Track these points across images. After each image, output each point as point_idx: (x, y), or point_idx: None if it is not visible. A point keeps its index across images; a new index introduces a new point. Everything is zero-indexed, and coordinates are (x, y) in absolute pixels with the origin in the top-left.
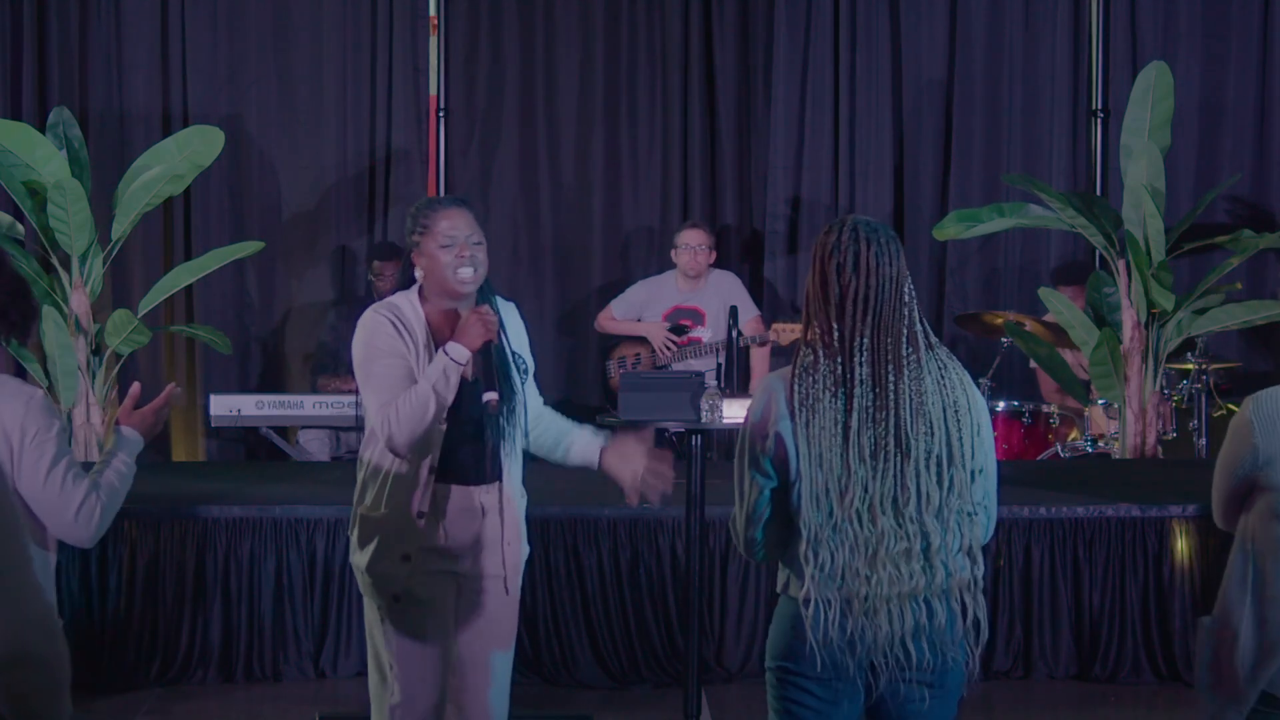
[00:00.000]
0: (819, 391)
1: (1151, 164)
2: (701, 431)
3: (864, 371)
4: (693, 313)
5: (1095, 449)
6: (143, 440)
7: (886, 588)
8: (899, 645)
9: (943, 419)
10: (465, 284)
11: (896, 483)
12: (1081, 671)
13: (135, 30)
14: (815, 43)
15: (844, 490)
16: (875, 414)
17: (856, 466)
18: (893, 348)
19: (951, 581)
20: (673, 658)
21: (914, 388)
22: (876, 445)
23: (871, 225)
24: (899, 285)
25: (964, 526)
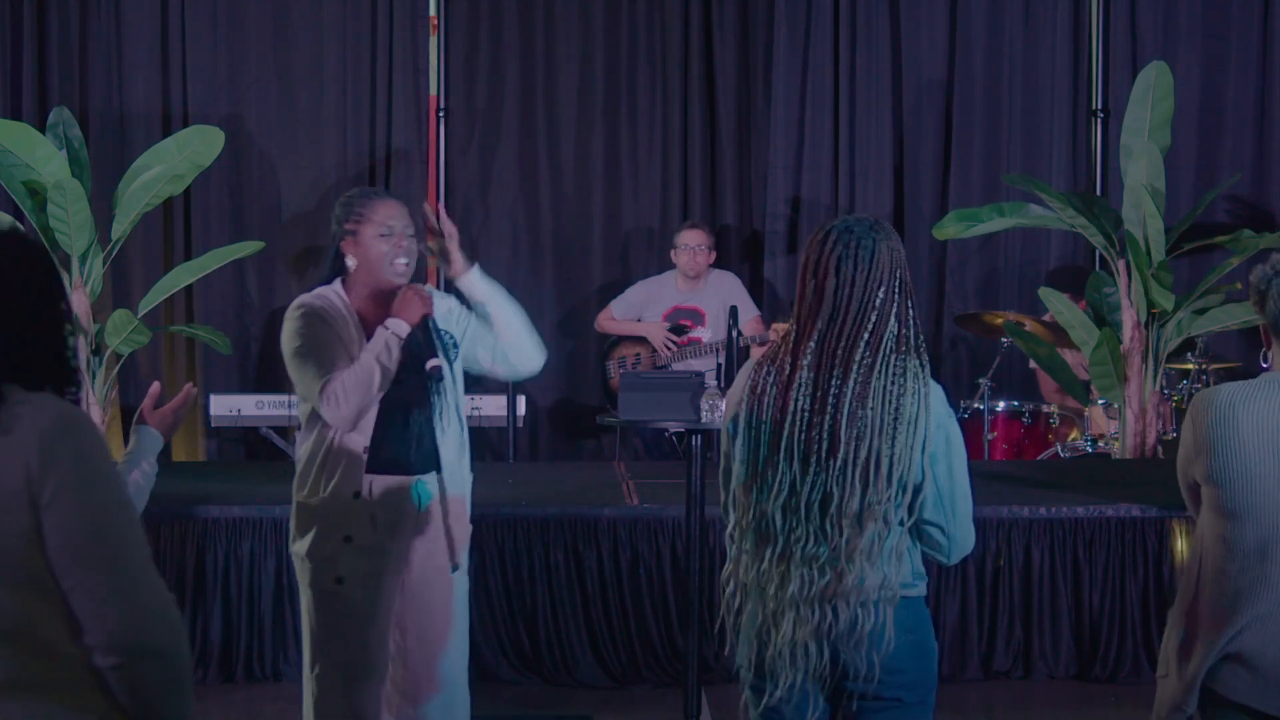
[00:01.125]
0: (768, 383)
1: (1151, 164)
2: (701, 431)
3: (806, 375)
4: (693, 313)
5: (1095, 449)
6: (162, 440)
7: (795, 588)
8: (801, 648)
9: (879, 427)
10: (400, 274)
11: (824, 486)
12: (1081, 671)
13: (135, 30)
14: (815, 43)
15: (772, 486)
16: (811, 417)
17: (785, 466)
18: (843, 352)
19: (866, 587)
20: (673, 658)
21: (857, 391)
22: (808, 448)
23: (847, 227)
24: (866, 289)
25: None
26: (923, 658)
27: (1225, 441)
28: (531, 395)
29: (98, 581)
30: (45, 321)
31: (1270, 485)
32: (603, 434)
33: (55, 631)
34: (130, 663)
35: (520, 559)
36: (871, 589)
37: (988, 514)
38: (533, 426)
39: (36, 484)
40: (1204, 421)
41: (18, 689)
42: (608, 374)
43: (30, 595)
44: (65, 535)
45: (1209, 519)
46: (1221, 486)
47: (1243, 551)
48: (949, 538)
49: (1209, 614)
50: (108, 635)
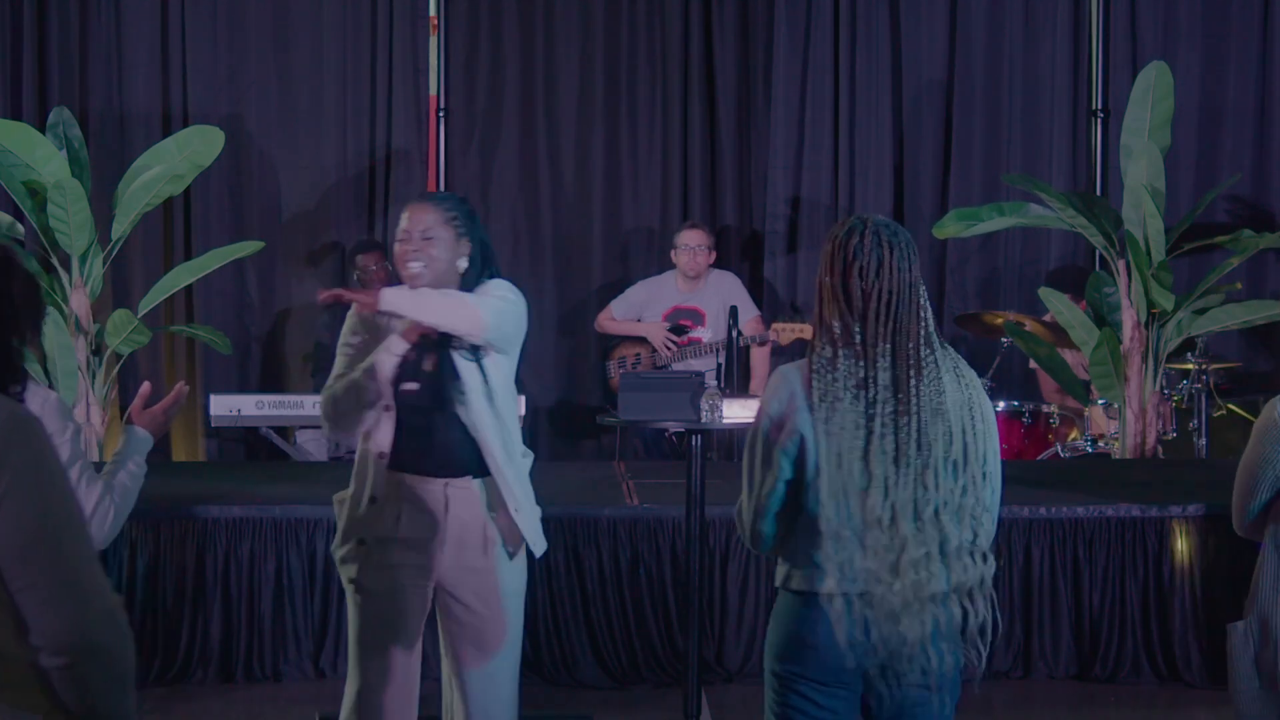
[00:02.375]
0: (839, 390)
1: (1151, 164)
2: (701, 431)
3: (886, 376)
4: (692, 313)
5: (1095, 449)
6: (152, 440)
7: (910, 593)
8: (921, 651)
9: (959, 420)
10: (413, 278)
11: (917, 487)
12: (1081, 671)
13: (135, 30)
14: (815, 43)
15: (864, 492)
16: (898, 419)
17: (878, 470)
18: (913, 351)
19: (966, 581)
20: (673, 658)
21: (933, 389)
22: (899, 450)
23: (892, 228)
24: (916, 289)
25: (977, 526)
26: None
27: None
28: (531, 395)
29: (46, 582)
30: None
31: None
32: (603, 434)
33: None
34: (77, 662)
35: None
36: (974, 582)
37: None
38: (533, 426)
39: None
40: None
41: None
42: (608, 374)
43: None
44: (13, 536)
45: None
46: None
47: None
48: (994, 523)
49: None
50: (55, 635)
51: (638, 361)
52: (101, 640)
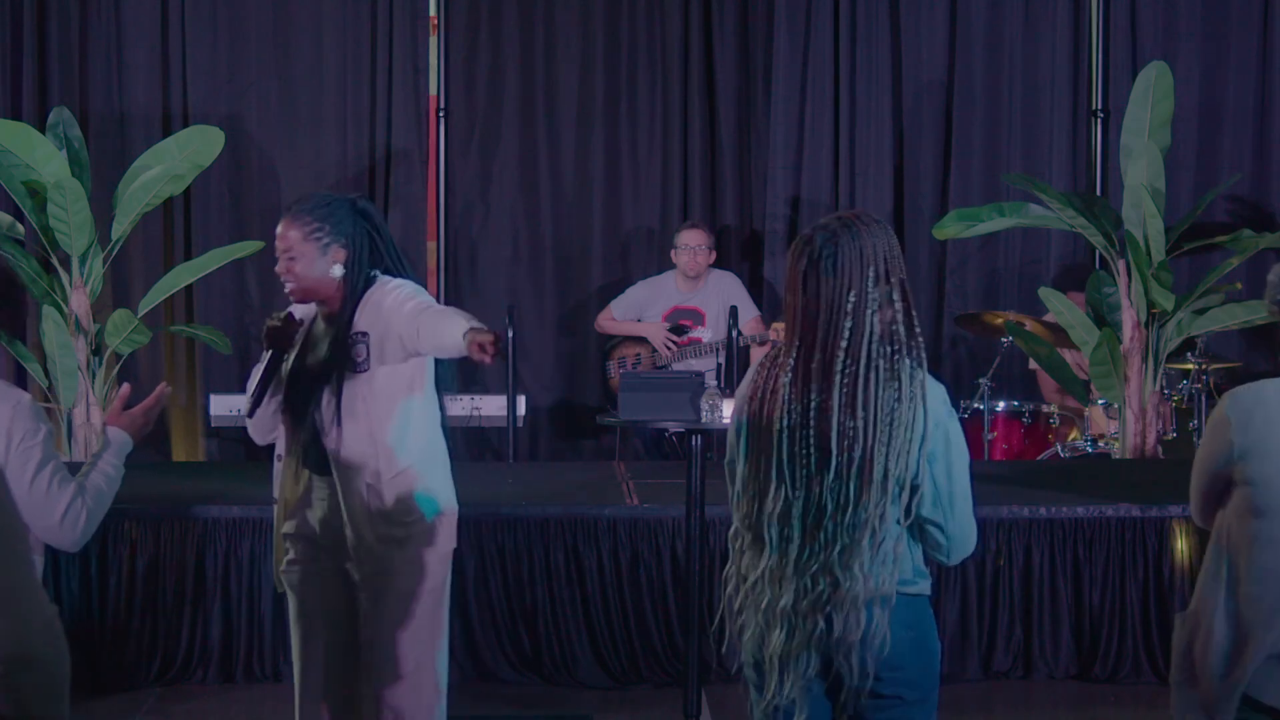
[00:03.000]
0: (765, 393)
1: (1151, 164)
2: (701, 431)
3: (787, 392)
4: (692, 313)
5: (1095, 449)
6: (131, 442)
7: (789, 601)
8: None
9: (873, 435)
10: (290, 294)
11: (816, 498)
12: (1081, 671)
13: (135, 30)
14: (815, 43)
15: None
16: (795, 432)
17: (776, 480)
18: (819, 366)
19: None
20: (673, 658)
21: (843, 402)
22: (795, 463)
23: (811, 238)
24: (834, 299)
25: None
26: (923, 655)
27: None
28: (531, 395)
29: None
30: None
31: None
32: (603, 434)
33: None
34: (13, 672)
35: (520, 559)
36: (864, 595)
37: (988, 514)
38: (533, 426)
39: None
40: (1255, 422)
41: None
42: (608, 374)
43: None
44: None
45: (1238, 520)
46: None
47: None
48: (949, 537)
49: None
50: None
51: (638, 361)
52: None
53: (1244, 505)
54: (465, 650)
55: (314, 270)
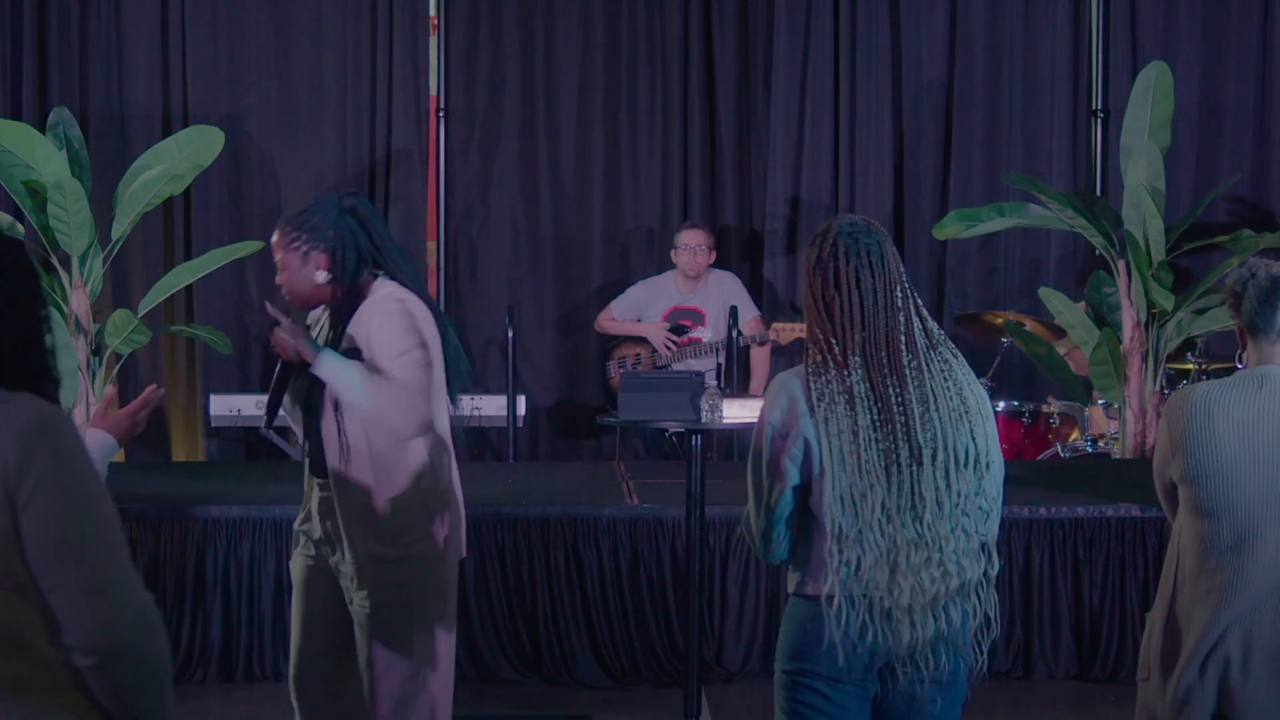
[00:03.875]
0: (834, 392)
1: (1151, 164)
2: (701, 431)
3: (863, 388)
4: (693, 313)
5: (1095, 449)
6: (116, 444)
7: (908, 597)
8: (919, 652)
9: (951, 422)
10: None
11: (913, 493)
12: (1081, 671)
13: (135, 30)
14: (815, 43)
15: (863, 496)
16: (881, 428)
17: (869, 480)
18: (889, 358)
19: (966, 582)
20: (673, 658)
21: (918, 395)
22: (887, 458)
23: (852, 234)
24: (887, 294)
25: (978, 525)
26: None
27: (1201, 440)
28: (531, 395)
29: (76, 582)
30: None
31: (1246, 483)
32: (603, 434)
33: (34, 632)
34: (108, 663)
35: (520, 559)
36: (974, 583)
37: None
38: (533, 426)
39: (14, 485)
40: (1179, 421)
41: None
42: (608, 374)
43: (10, 596)
44: (44, 536)
45: (1186, 519)
46: (1198, 485)
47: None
48: (998, 513)
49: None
50: (86, 635)
51: (638, 362)
52: (132, 640)
53: (1185, 504)
54: (465, 650)
55: (298, 280)
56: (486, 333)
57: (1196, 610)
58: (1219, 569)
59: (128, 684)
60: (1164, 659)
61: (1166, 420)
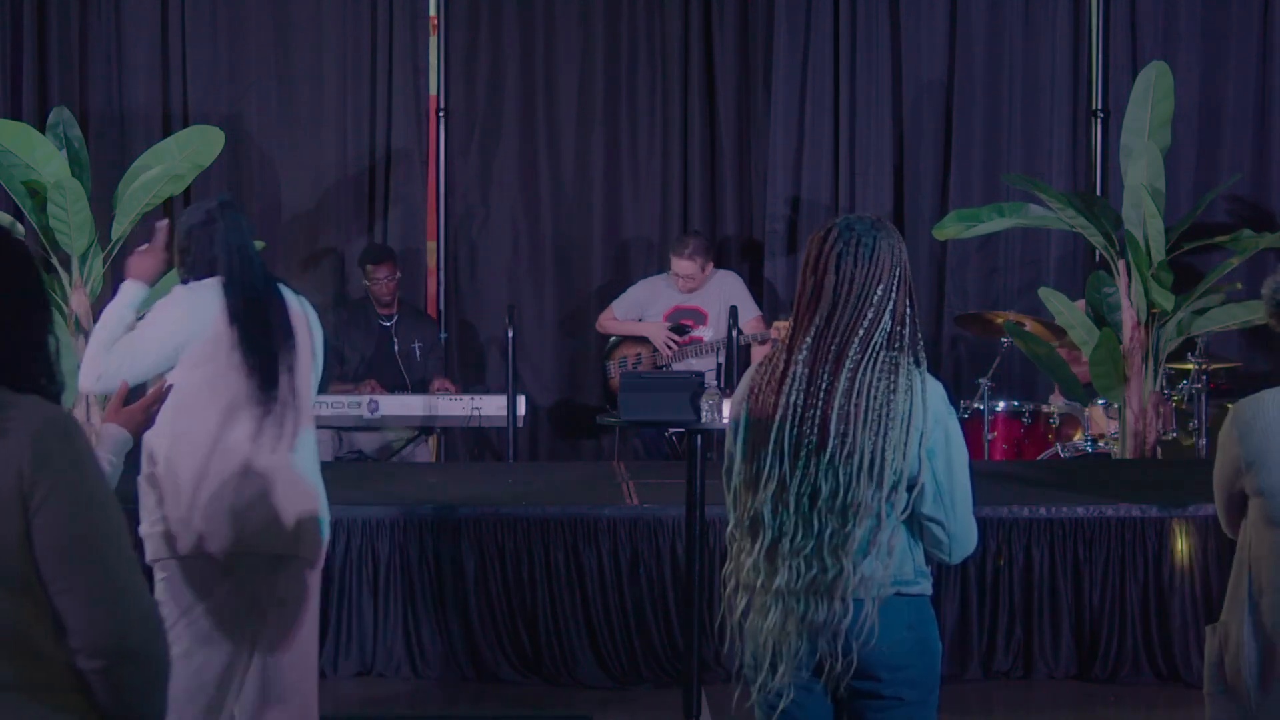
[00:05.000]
0: (765, 382)
1: (1151, 164)
2: (701, 431)
3: (800, 370)
4: (694, 312)
5: (1095, 449)
6: (130, 438)
7: (783, 581)
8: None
9: (872, 422)
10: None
11: (812, 479)
12: (1081, 671)
13: (135, 30)
14: (815, 43)
15: (763, 480)
16: (803, 411)
17: (775, 460)
18: (837, 347)
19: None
20: (673, 658)
21: (847, 387)
22: (798, 441)
23: (852, 225)
24: (864, 286)
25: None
26: (925, 655)
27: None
28: (531, 395)
29: (86, 584)
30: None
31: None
32: (603, 434)
33: (40, 633)
34: (114, 666)
35: (520, 559)
36: (857, 584)
37: (988, 514)
38: (533, 426)
39: (28, 487)
40: (1254, 433)
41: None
42: (608, 375)
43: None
44: (55, 538)
45: (1259, 530)
46: (1275, 498)
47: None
48: (950, 535)
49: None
50: (93, 638)
51: (638, 361)
52: (139, 644)
53: (1259, 516)
54: (465, 650)
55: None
56: (486, 333)
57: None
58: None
59: (132, 687)
60: (1264, 669)
61: (1237, 432)
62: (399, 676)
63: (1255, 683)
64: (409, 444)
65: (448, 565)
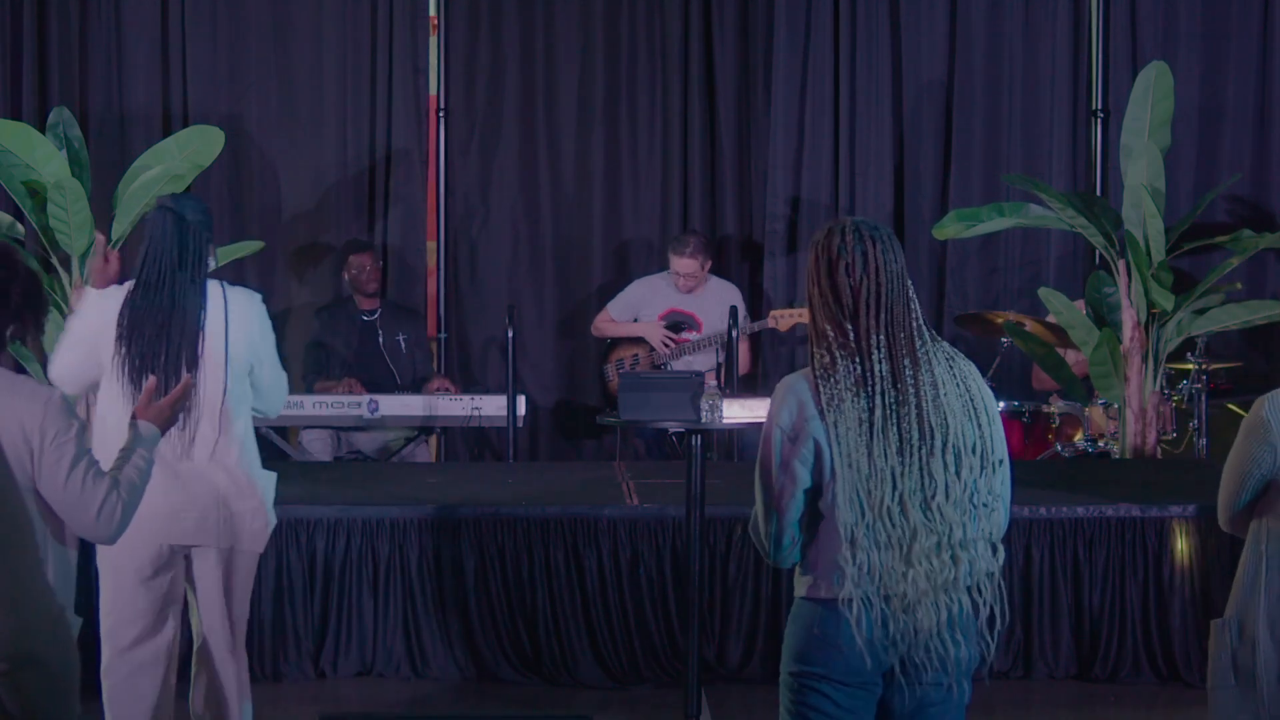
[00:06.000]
0: (842, 392)
1: (1151, 164)
2: (701, 431)
3: (884, 368)
4: (689, 318)
5: (1095, 449)
6: (160, 434)
7: (924, 582)
8: (936, 639)
9: (958, 410)
10: None
11: (923, 475)
12: (1081, 671)
13: (135, 30)
14: (815, 43)
15: (873, 488)
16: (899, 409)
17: (883, 463)
18: (906, 343)
19: (975, 572)
20: (673, 658)
21: (928, 380)
22: (902, 440)
23: (871, 224)
24: (905, 281)
25: (988, 515)
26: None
27: None
28: (531, 395)
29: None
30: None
31: None
32: (603, 434)
33: None
34: (15, 670)
35: (520, 559)
36: (982, 573)
37: None
38: (533, 426)
39: None
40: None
41: None
42: (606, 378)
43: None
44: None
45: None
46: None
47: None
48: (1007, 510)
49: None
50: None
51: (635, 362)
52: (39, 650)
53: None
54: (465, 650)
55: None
56: (486, 333)
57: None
58: None
59: (32, 693)
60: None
61: (1272, 423)
62: (399, 676)
63: (1273, 678)
64: (408, 444)
65: (448, 565)
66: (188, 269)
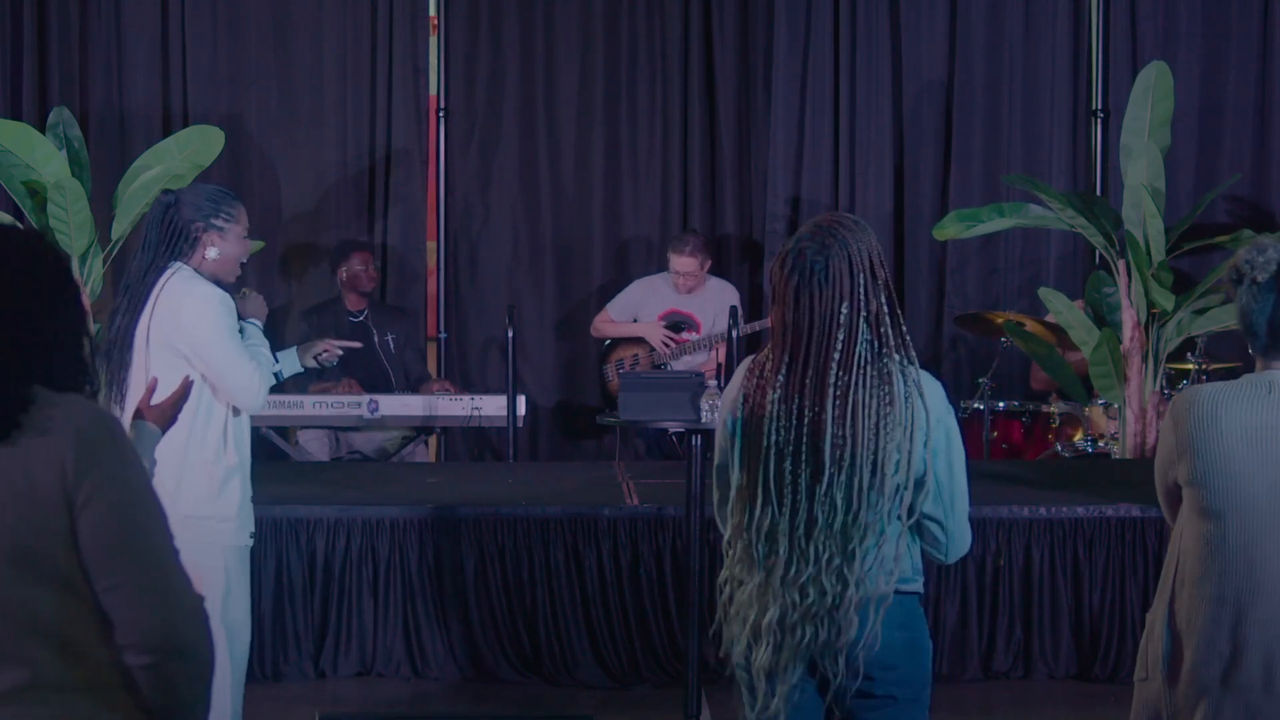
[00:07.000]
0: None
1: (1151, 164)
2: (701, 431)
3: (778, 409)
4: (688, 319)
5: (1095, 449)
6: (160, 433)
7: (775, 617)
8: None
9: (869, 440)
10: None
11: (806, 511)
12: (1081, 671)
13: (135, 30)
14: (815, 43)
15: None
16: (787, 448)
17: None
18: (813, 381)
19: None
20: (673, 658)
21: (837, 414)
22: (780, 482)
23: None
24: (829, 312)
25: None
26: (916, 654)
27: (1208, 443)
28: (531, 395)
29: (133, 581)
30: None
31: (1253, 486)
32: (603, 434)
33: (86, 632)
34: (163, 661)
35: (520, 559)
36: (859, 600)
37: (987, 514)
38: (533, 426)
39: (73, 485)
40: (1186, 423)
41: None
42: (606, 378)
43: (64, 596)
44: (102, 535)
45: (1190, 521)
46: (1204, 488)
47: (1225, 554)
48: (948, 535)
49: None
50: (141, 634)
51: (635, 362)
52: (187, 639)
53: (1190, 506)
54: (465, 650)
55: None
56: (486, 333)
57: (1199, 612)
58: (1226, 574)
59: (180, 682)
60: (1170, 663)
61: (1172, 421)
62: (399, 676)
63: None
64: (407, 444)
65: (448, 565)
66: (149, 251)
